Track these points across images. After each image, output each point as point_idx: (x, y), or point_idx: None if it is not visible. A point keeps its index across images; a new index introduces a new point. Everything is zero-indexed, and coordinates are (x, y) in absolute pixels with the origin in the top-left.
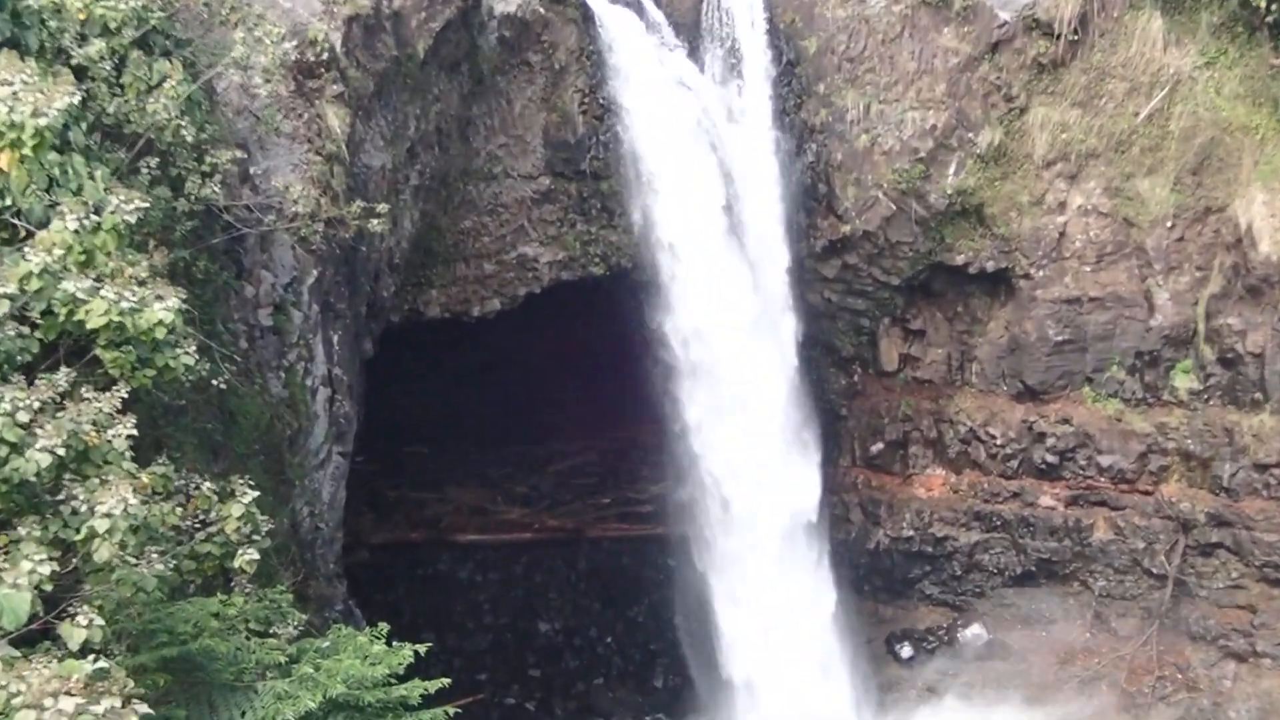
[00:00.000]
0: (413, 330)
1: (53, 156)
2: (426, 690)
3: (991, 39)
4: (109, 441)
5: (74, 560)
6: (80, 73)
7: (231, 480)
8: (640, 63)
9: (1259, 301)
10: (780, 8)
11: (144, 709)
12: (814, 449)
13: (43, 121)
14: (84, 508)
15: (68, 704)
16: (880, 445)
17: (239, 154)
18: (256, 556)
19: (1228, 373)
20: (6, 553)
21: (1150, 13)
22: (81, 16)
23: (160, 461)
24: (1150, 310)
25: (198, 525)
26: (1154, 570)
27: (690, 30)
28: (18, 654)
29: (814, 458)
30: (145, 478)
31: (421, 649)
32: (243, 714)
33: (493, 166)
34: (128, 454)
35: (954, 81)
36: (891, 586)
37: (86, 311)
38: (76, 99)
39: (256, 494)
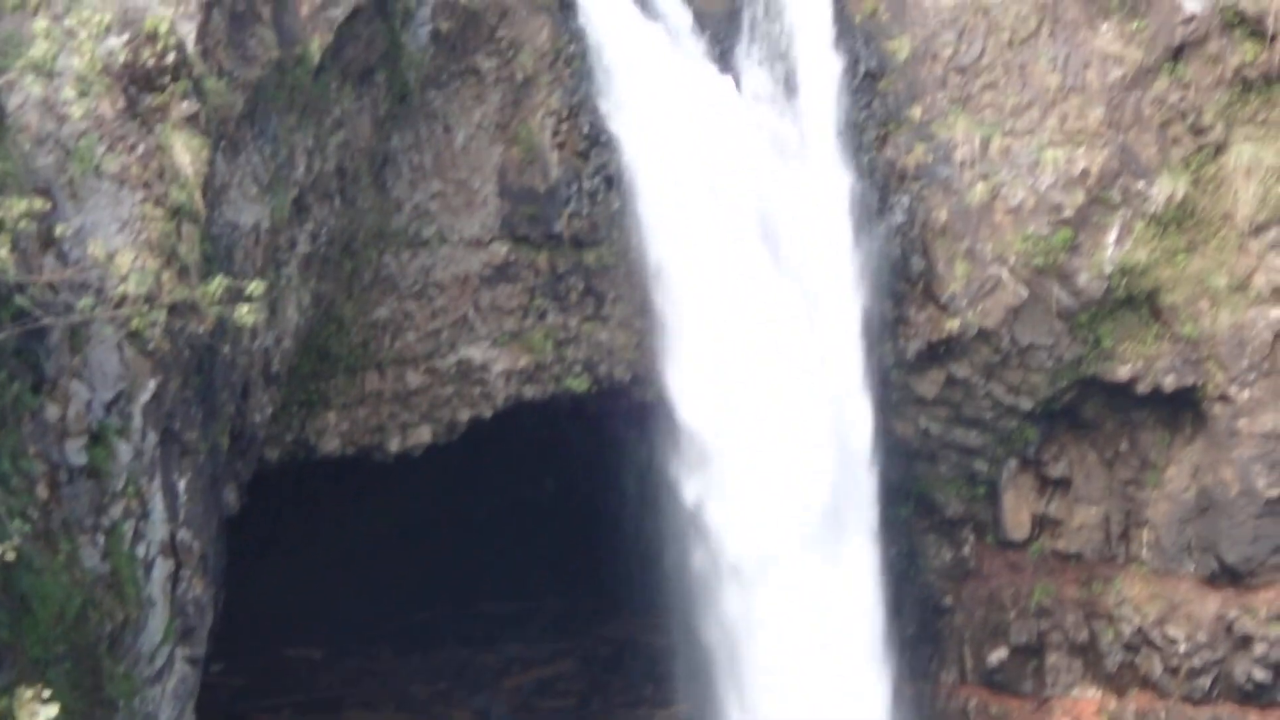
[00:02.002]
0: (299, 474)
1: None
2: None
3: (1173, 41)
4: None
5: None
6: None
7: (19, 698)
8: (645, 72)
9: None
10: None
11: None
12: (895, 661)
13: None
14: None
15: None
16: (1004, 653)
17: (39, 204)
18: None
19: None
20: None
21: None
22: None
23: None
24: None
25: None
26: None
27: (721, 25)
28: None
29: (891, 674)
30: None
31: None
32: None
33: (422, 227)
34: None
35: (1116, 104)
36: None
37: None
38: None
39: None
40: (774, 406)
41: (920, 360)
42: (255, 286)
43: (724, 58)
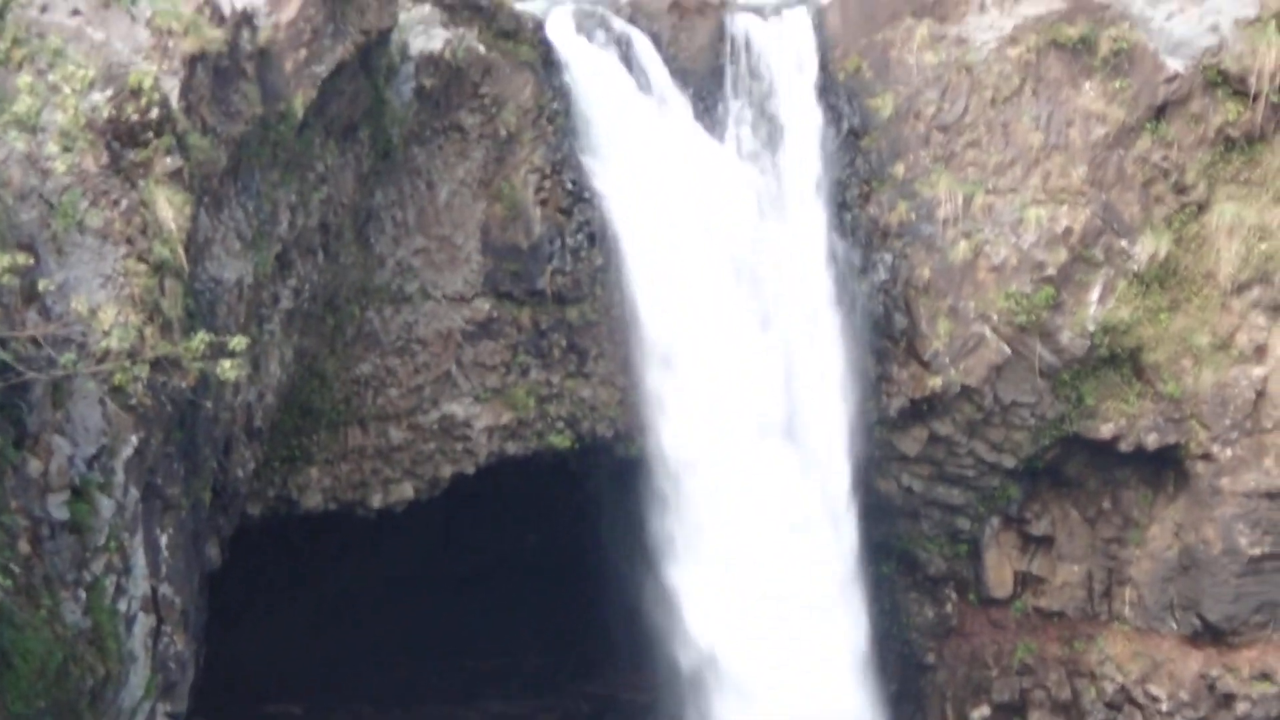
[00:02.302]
0: (282, 528)
1: None
2: None
3: (1156, 100)
4: None
5: None
6: None
7: None
8: (628, 128)
9: None
10: (840, 48)
11: None
12: (878, 718)
13: None
14: None
15: None
16: (986, 710)
17: (22, 259)
18: None
19: None
20: None
21: None
22: None
23: None
24: None
25: None
26: None
27: (704, 81)
28: None
29: None
30: None
31: None
32: None
33: (405, 283)
34: None
35: (1099, 163)
36: None
37: None
38: None
39: None
40: (755, 463)
41: (903, 417)
42: (238, 342)
43: (707, 114)
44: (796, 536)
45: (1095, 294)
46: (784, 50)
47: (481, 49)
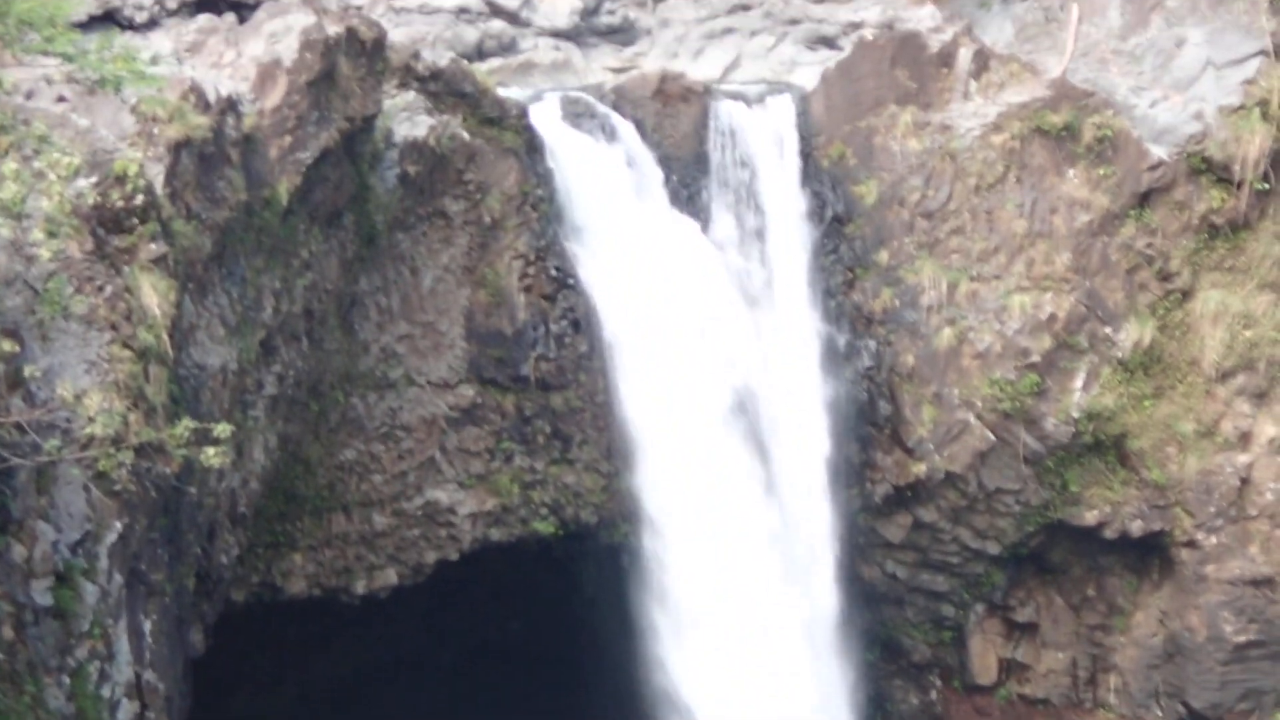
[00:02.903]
0: (266, 615)
1: None
2: None
3: (1140, 187)
4: None
5: None
6: None
7: None
8: (613, 215)
9: None
10: (824, 136)
11: None
12: None
13: None
14: None
15: None
16: None
17: (7, 346)
18: None
19: None
20: None
21: None
22: None
23: None
24: None
25: None
26: None
27: (689, 168)
28: None
29: None
30: None
31: None
32: None
33: (389, 369)
34: None
35: (1083, 250)
36: None
37: None
38: None
39: None
40: (739, 549)
41: (887, 504)
42: (222, 429)
43: (691, 200)
44: (782, 628)
45: (1080, 381)
46: (768, 137)
47: (466, 135)
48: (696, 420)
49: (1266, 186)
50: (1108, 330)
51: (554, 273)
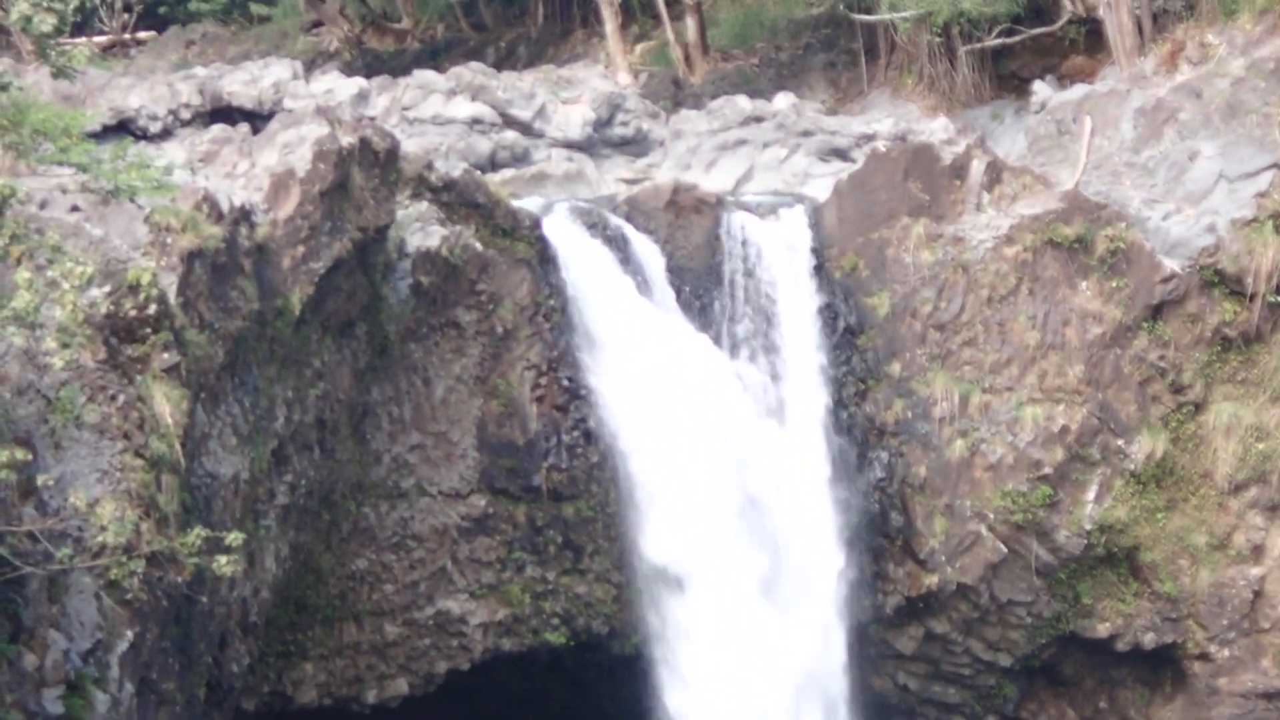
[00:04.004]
0: None
1: None
2: None
3: (1153, 299)
4: None
5: None
6: None
7: None
8: (625, 326)
9: None
10: (836, 247)
11: None
12: None
13: None
14: None
15: None
16: None
17: (19, 455)
18: None
19: None
20: None
21: None
22: None
23: None
24: None
25: None
26: None
27: (701, 279)
28: None
29: None
30: None
31: None
32: None
33: (401, 479)
34: None
35: (1096, 362)
36: None
37: None
38: None
39: None
40: (752, 660)
41: (899, 616)
42: (234, 538)
43: (704, 311)
44: None
45: (1092, 493)
46: (781, 248)
47: (479, 246)
48: (708, 529)
49: (1278, 299)
50: (1120, 442)
51: (566, 383)
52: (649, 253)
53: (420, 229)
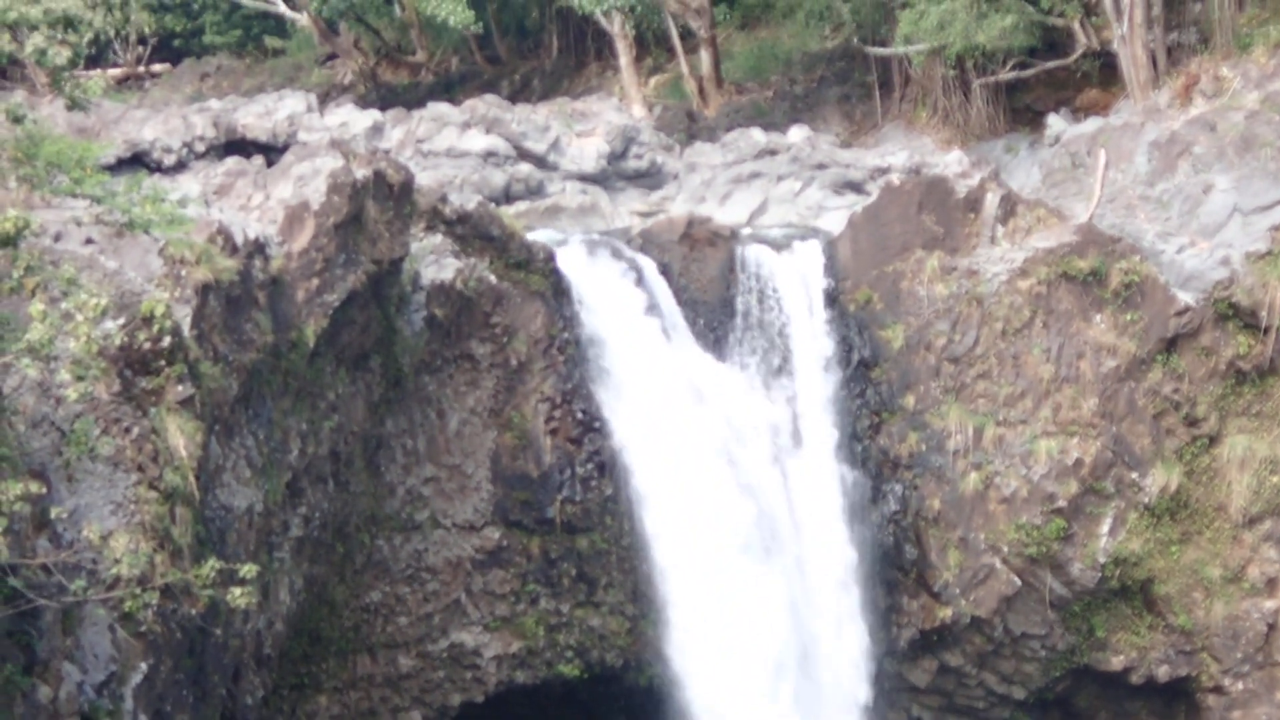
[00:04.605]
0: None
1: None
2: None
3: (1167, 333)
4: None
5: None
6: None
7: None
8: (639, 359)
9: None
10: (851, 280)
11: None
12: None
13: None
14: None
15: None
16: None
17: (34, 487)
18: None
19: None
20: None
21: None
22: None
23: None
24: None
25: None
26: None
27: (715, 312)
28: None
29: None
30: None
31: None
32: None
33: (415, 511)
34: None
35: (1110, 395)
36: None
37: None
38: None
39: None
40: (769, 691)
41: (913, 649)
42: (248, 570)
43: (718, 343)
44: None
45: (1106, 526)
46: (795, 281)
47: (493, 279)
48: (723, 562)
49: None
50: (1134, 475)
51: (580, 415)
52: (663, 285)
53: (434, 262)
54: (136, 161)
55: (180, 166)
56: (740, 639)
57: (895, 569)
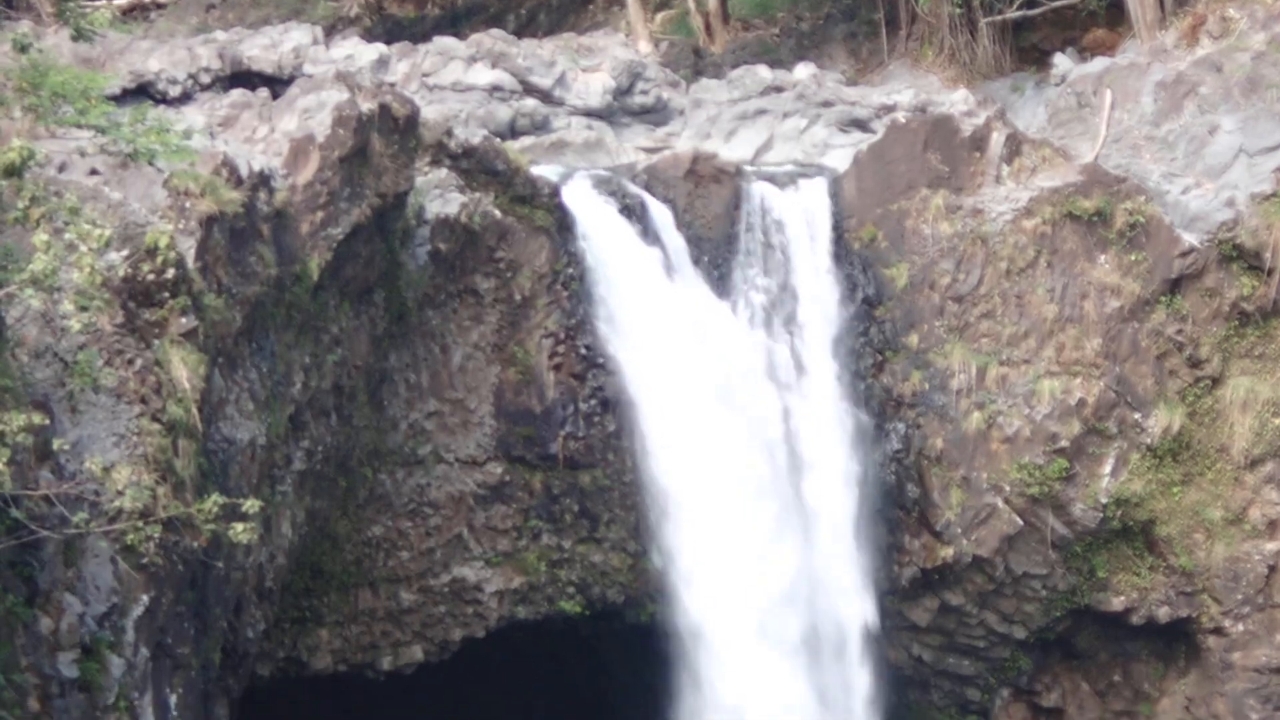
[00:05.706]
0: (291, 689)
1: None
2: None
3: (1171, 274)
4: None
5: None
6: None
7: None
8: (643, 295)
9: None
10: (855, 218)
11: None
12: None
13: None
14: None
15: None
16: None
17: (36, 418)
18: None
19: None
20: None
21: None
22: None
23: None
24: None
25: None
26: None
27: (719, 249)
28: None
29: None
30: None
31: None
32: None
33: (418, 446)
34: None
35: (1113, 336)
36: None
37: None
38: None
39: None
40: (771, 627)
41: (914, 587)
42: (251, 505)
43: (722, 280)
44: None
45: (1108, 466)
46: (800, 219)
47: (497, 213)
48: (728, 497)
49: None
50: (1137, 416)
51: (584, 351)
52: (667, 221)
53: (439, 196)
54: (141, 93)
55: (185, 98)
56: (742, 576)
57: (897, 508)
